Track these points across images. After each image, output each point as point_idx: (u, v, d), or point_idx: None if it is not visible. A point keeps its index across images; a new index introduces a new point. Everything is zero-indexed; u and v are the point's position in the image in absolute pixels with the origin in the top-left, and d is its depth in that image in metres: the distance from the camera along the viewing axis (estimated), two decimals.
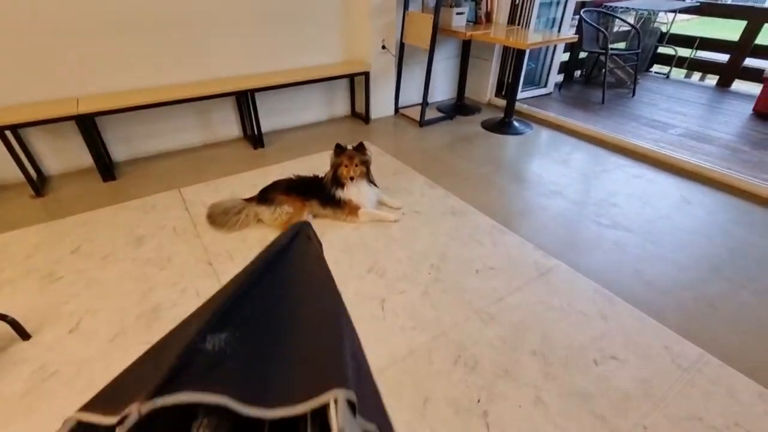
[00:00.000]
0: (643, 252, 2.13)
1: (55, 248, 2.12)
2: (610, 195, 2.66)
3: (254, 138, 3.27)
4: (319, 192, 2.34)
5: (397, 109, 3.99)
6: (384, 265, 2.01)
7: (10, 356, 1.55)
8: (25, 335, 1.62)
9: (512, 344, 1.60)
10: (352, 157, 2.28)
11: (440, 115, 3.90)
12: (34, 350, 1.58)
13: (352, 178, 2.27)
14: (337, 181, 2.30)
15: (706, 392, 1.43)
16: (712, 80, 5.06)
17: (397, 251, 2.11)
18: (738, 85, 4.66)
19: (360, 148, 2.33)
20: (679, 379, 1.47)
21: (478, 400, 1.39)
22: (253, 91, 3.06)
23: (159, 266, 1.99)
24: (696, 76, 5.55)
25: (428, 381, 1.45)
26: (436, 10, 3.21)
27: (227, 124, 3.40)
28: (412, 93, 4.12)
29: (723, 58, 4.73)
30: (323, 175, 2.40)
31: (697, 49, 4.93)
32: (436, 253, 2.09)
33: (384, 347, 1.58)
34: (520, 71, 3.57)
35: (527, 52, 3.50)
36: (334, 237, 2.22)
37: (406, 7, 3.51)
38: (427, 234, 2.24)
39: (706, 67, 5.11)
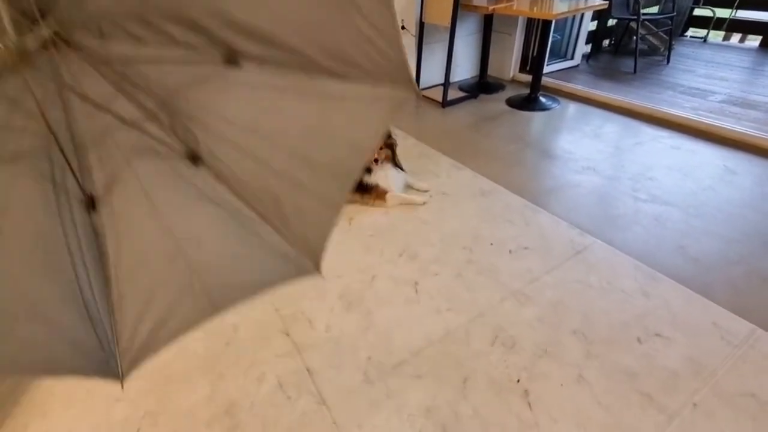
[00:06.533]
0: (687, 227, 2.04)
1: None
2: (647, 168, 2.54)
3: None
4: None
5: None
6: (415, 248, 2.00)
7: None
8: None
9: (551, 324, 1.57)
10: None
11: (463, 94, 3.81)
12: None
13: (376, 160, 2.25)
14: None
15: (759, 368, 1.37)
16: (753, 41, 4.72)
17: (427, 234, 2.09)
18: None
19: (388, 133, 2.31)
20: (729, 356, 1.41)
21: (518, 380, 1.38)
22: None
23: None
24: (735, 38, 5.20)
25: (467, 361, 1.45)
26: None
27: None
28: (433, 73, 4.03)
29: (766, 17, 4.40)
30: None
31: (737, 8, 4.60)
32: (467, 235, 2.07)
33: (420, 329, 1.58)
34: (546, 44, 3.43)
35: (553, 23, 3.35)
36: (363, 222, 2.22)
37: None
38: (457, 216, 2.22)
39: (747, 28, 4.77)
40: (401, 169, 2.40)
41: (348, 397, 1.36)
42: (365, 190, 2.31)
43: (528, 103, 3.54)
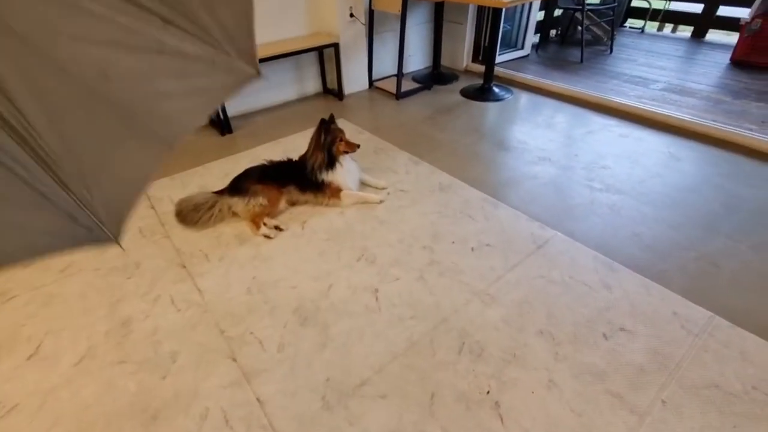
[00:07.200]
0: (639, 214, 2.06)
1: None
2: (599, 157, 2.57)
3: (221, 124, 3.02)
4: (296, 176, 2.16)
5: (371, 83, 3.77)
6: (374, 251, 1.88)
7: None
8: None
9: (517, 325, 1.51)
10: (342, 131, 2.12)
11: (417, 85, 3.71)
12: None
13: (358, 146, 2.18)
14: (331, 161, 2.10)
15: (720, 357, 1.38)
16: (685, 32, 4.99)
17: (386, 235, 1.97)
18: (712, 35, 4.61)
19: (333, 120, 2.15)
20: (691, 346, 1.42)
21: (488, 391, 1.30)
22: None
23: (126, 274, 1.80)
24: (668, 28, 5.48)
25: (433, 374, 1.35)
26: None
27: None
28: (385, 64, 3.89)
29: (696, 8, 4.64)
30: (297, 158, 2.21)
31: (670, 0, 4.83)
32: (427, 234, 1.97)
33: (382, 342, 1.46)
34: (497, 33, 3.39)
35: (503, 11, 3.32)
36: (317, 224, 2.06)
37: None
38: (416, 213, 2.11)
39: (680, 19, 5.03)
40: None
41: (305, 427, 1.21)
42: (318, 188, 2.15)
43: (482, 93, 3.51)
